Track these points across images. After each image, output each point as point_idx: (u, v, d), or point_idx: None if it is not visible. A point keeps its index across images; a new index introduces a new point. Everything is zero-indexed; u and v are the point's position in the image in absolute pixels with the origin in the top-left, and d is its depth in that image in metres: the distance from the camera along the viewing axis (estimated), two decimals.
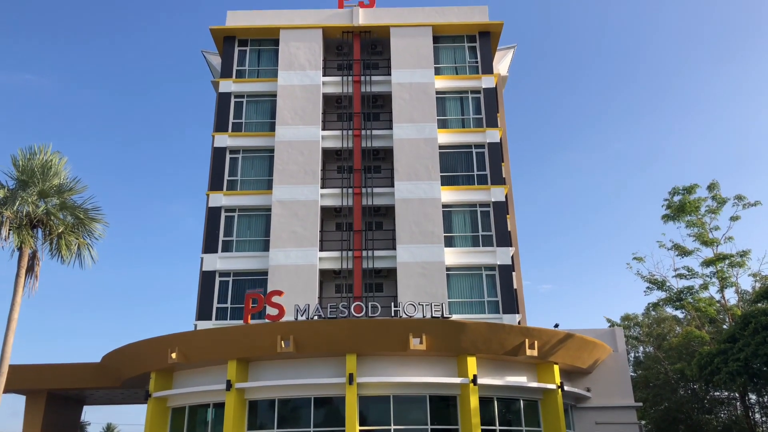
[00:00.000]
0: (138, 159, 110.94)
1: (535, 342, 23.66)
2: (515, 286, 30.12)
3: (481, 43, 34.91)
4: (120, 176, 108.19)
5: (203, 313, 29.16)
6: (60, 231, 20.98)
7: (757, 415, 35.27)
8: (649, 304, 35.77)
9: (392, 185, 31.60)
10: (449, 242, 30.57)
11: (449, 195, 31.29)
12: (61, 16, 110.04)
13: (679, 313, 39.47)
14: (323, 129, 32.92)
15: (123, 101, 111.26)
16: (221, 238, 30.78)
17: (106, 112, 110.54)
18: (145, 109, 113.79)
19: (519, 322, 29.12)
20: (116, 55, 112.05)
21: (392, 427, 22.63)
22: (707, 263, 32.83)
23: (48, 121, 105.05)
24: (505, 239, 30.47)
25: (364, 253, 30.21)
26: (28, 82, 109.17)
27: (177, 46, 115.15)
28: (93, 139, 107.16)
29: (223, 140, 32.64)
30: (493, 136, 32.57)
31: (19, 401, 32.15)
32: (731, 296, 36.14)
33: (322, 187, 31.64)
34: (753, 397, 34.34)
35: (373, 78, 34.17)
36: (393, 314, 25.06)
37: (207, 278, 29.85)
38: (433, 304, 25.01)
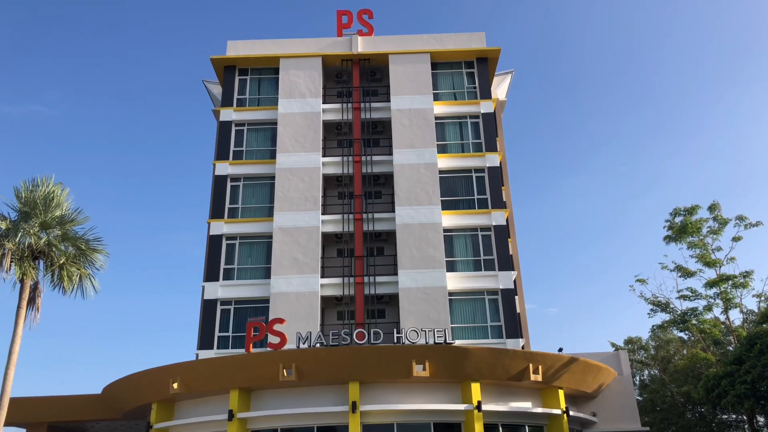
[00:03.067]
0: (142, 189, 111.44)
1: (540, 367, 23.48)
2: (518, 310, 29.97)
3: (479, 68, 35.28)
4: (124, 206, 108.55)
5: (205, 342, 29.01)
6: (61, 262, 20.98)
7: None
8: (653, 326, 35.50)
9: (393, 210, 31.66)
10: (451, 267, 30.52)
11: (450, 219, 31.33)
12: (65, 47, 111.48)
13: (683, 335, 39.21)
14: (324, 156, 33.11)
15: (128, 130, 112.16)
16: (222, 266, 30.75)
17: (111, 142, 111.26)
18: (150, 139, 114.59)
19: (523, 347, 28.91)
20: (119, 85, 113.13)
21: None
22: (710, 284, 32.73)
23: (54, 153, 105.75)
24: (506, 263, 30.41)
25: (366, 279, 30.15)
26: (36, 113, 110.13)
27: (180, 75, 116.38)
28: (98, 170, 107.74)
29: (224, 168, 32.81)
30: (492, 160, 32.73)
31: None
32: (736, 317, 36.01)
33: (323, 214, 31.71)
34: (761, 419, 33.90)
35: (373, 104, 34.47)
36: (395, 341, 24.93)
37: (208, 307, 29.75)
38: (435, 330, 24.89)
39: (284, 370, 22.20)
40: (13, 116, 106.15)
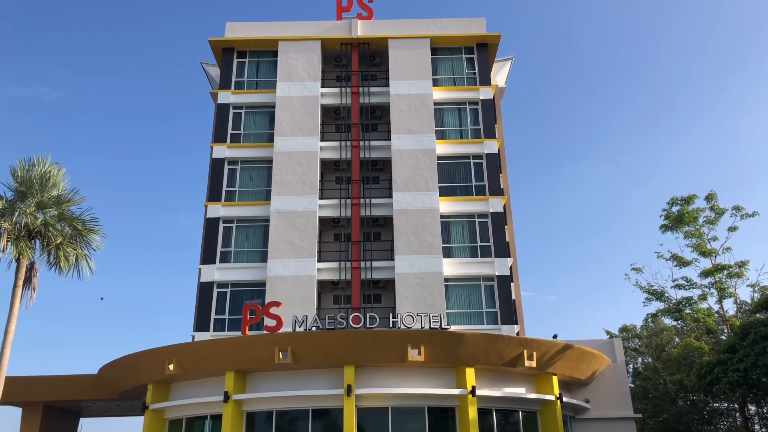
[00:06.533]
0: (143, 171, 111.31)
1: (534, 353, 23.61)
2: (514, 297, 30.08)
3: (478, 54, 35.10)
4: (123, 188, 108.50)
5: (201, 324, 29.08)
6: (58, 242, 20.93)
7: (757, 426, 35.12)
8: (647, 314, 35.61)
9: (390, 196, 31.65)
10: (447, 253, 30.57)
11: (447, 206, 31.33)
12: (70, 28, 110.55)
13: (677, 324, 39.38)
14: (322, 140, 33.00)
15: (128, 112, 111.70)
16: (219, 249, 30.74)
17: (111, 124, 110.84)
18: (149, 122, 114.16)
19: (518, 333, 29.07)
20: (120, 67, 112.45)
21: None
22: (705, 274, 32.78)
23: (55, 134, 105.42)
24: (503, 250, 30.47)
25: (363, 264, 30.19)
26: (41, 94, 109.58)
27: (178, 57, 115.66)
28: (99, 151, 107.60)
29: (222, 151, 32.70)
30: (491, 147, 32.67)
31: (15, 413, 31.95)
32: (730, 307, 36.08)
33: (321, 198, 31.67)
34: (752, 408, 34.20)
35: (372, 89, 34.30)
36: (391, 325, 25.01)
37: (205, 289, 29.79)
38: (431, 315, 24.98)
39: (280, 353, 22.28)
40: (18, 97, 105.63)
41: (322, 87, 34.17)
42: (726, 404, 36.07)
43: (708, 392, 28.37)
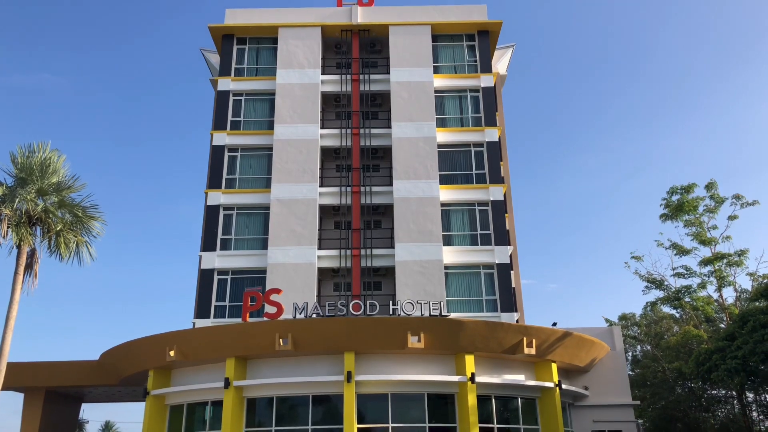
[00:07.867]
0: (145, 159, 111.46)
1: (533, 340, 23.70)
2: (513, 285, 30.15)
3: (479, 41, 34.91)
4: (126, 176, 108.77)
5: (202, 311, 29.17)
6: (58, 229, 20.95)
7: (755, 413, 35.32)
8: (647, 303, 35.71)
9: (391, 184, 31.62)
10: (448, 241, 30.60)
11: (448, 194, 31.31)
12: (72, 15, 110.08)
13: (676, 313, 39.50)
14: (322, 128, 32.92)
15: (129, 99, 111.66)
16: (220, 236, 30.76)
17: (113, 111, 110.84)
18: (150, 109, 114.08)
19: (517, 321, 29.16)
20: (122, 54, 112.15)
21: (390, 425, 22.66)
22: (705, 262, 32.85)
23: (60, 121, 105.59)
24: (503, 238, 30.50)
25: (363, 251, 30.23)
26: (45, 81, 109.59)
27: (178, 44, 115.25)
28: (101, 139, 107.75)
29: (222, 138, 32.63)
30: (491, 135, 32.60)
31: (17, 399, 32.27)
32: (729, 295, 36.16)
33: (321, 186, 31.65)
34: (750, 395, 34.37)
35: (372, 76, 34.15)
36: (391, 312, 25.07)
37: (205, 276, 29.85)
38: (431, 303, 25.04)
39: (280, 340, 22.37)
40: (22, 85, 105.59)
41: (322, 74, 34.03)
42: (724, 391, 36.26)
43: (706, 379, 28.49)
